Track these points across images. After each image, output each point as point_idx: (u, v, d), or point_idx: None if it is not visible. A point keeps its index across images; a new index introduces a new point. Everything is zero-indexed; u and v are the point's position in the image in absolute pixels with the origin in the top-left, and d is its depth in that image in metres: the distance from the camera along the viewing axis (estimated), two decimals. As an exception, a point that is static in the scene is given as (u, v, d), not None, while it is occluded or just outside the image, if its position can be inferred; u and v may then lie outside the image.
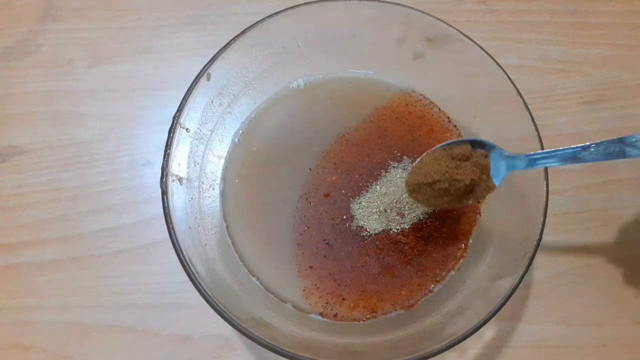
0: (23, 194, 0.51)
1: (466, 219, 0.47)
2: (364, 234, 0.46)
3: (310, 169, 0.48)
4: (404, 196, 0.46)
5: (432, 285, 0.45)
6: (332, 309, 0.44)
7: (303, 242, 0.46)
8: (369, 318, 0.44)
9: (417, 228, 0.46)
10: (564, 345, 0.47)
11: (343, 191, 0.47)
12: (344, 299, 0.44)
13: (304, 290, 0.45)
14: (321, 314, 0.44)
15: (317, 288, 0.45)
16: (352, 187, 0.47)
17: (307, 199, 0.47)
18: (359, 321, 0.44)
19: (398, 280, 0.45)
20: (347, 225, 0.46)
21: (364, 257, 0.45)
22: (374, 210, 0.46)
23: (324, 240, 0.46)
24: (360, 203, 0.46)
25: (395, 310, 0.44)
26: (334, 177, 0.47)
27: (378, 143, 0.49)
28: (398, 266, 0.45)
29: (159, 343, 0.47)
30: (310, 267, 0.45)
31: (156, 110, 0.54)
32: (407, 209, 0.46)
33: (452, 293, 0.44)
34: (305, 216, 0.46)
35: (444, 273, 0.45)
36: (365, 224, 0.46)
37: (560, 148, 0.39)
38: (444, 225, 0.46)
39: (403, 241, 0.45)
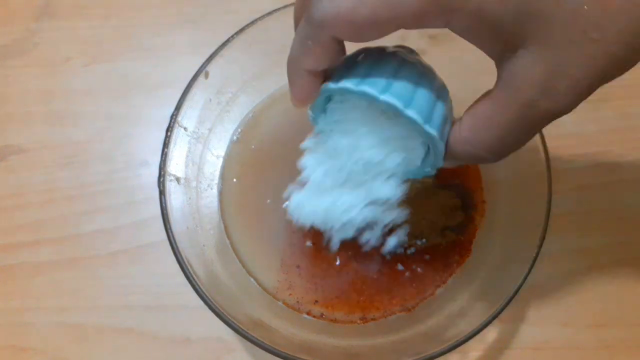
0: (19, 194, 0.51)
1: (471, 225, 0.46)
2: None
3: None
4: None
5: (433, 289, 0.44)
6: (306, 309, 0.44)
7: (295, 241, 0.45)
8: (367, 321, 0.44)
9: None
10: (567, 347, 0.46)
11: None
12: (329, 303, 0.44)
13: (289, 287, 0.45)
14: (308, 313, 0.44)
15: (306, 290, 0.44)
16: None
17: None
18: (356, 323, 0.44)
19: (386, 288, 0.44)
20: None
21: (355, 259, 0.45)
22: None
23: (313, 239, 0.45)
24: None
25: (394, 313, 0.44)
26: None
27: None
28: (392, 270, 0.44)
29: (157, 345, 0.46)
30: (298, 266, 0.45)
31: (154, 109, 0.54)
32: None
33: (454, 295, 0.43)
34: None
35: (445, 278, 0.45)
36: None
37: None
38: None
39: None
